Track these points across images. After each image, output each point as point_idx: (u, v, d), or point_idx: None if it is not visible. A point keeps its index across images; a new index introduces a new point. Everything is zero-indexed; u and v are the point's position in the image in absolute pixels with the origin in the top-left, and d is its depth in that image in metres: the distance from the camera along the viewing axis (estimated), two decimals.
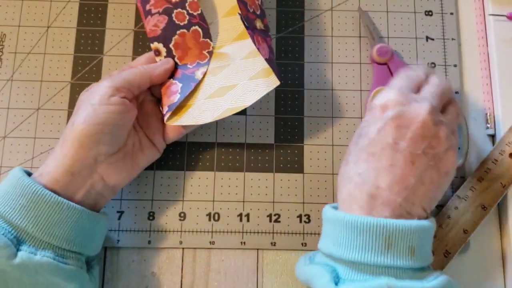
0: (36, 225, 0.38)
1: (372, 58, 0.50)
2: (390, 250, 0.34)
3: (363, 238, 0.35)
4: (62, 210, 0.38)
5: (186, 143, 0.49)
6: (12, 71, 0.51)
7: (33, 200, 0.38)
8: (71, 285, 0.38)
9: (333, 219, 0.37)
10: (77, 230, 0.39)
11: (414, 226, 0.35)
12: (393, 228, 0.34)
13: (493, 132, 0.49)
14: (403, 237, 0.34)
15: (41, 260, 0.37)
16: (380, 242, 0.34)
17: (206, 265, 0.46)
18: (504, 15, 0.51)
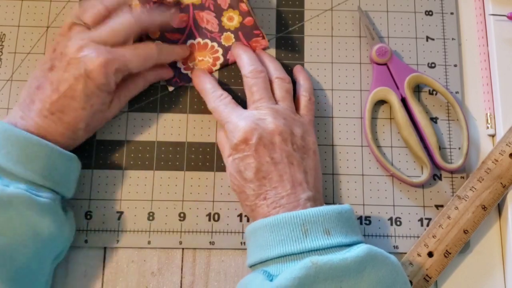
0: (9, 160, 0.39)
1: (372, 58, 0.50)
2: (308, 235, 0.38)
3: (283, 233, 0.38)
4: (33, 145, 0.40)
5: (186, 143, 0.49)
6: (11, 71, 0.50)
7: (4, 137, 0.39)
8: (44, 219, 0.39)
9: (254, 228, 0.40)
10: (50, 167, 0.40)
11: (323, 211, 0.39)
12: (305, 215, 0.39)
13: (493, 132, 0.49)
14: (316, 221, 0.39)
15: (13, 192, 0.38)
16: (297, 231, 0.38)
17: (206, 265, 0.46)
18: (504, 15, 0.51)
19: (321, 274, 0.36)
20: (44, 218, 0.39)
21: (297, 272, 0.36)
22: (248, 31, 0.50)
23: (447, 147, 0.49)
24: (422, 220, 0.47)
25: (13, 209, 0.38)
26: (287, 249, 0.38)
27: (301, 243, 0.38)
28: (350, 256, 0.37)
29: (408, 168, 0.49)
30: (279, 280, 0.36)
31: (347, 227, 0.40)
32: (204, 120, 0.50)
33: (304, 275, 0.36)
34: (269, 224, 0.39)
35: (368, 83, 0.51)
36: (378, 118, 0.50)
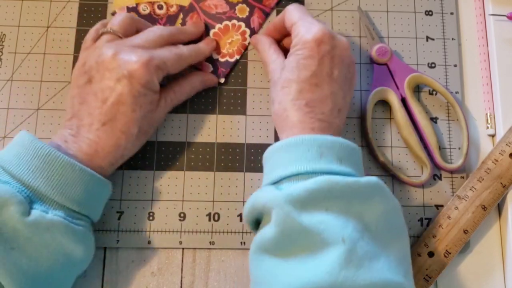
0: (48, 185, 0.38)
1: (372, 58, 0.50)
2: (323, 157, 0.39)
3: (299, 152, 0.39)
4: (74, 172, 0.39)
5: (186, 143, 0.49)
6: (12, 71, 0.50)
7: (46, 161, 0.39)
8: (79, 247, 0.39)
9: (273, 149, 0.41)
10: (87, 194, 0.40)
11: (340, 141, 0.40)
12: (322, 140, 0.39)
13: (493, 132, 0.49)
14: (332, 148, 0.39)
15: (52, 219, 0.38)
16: (313, 152, 0.39)
17: (206, 265, 0.46)
18: (504, 15, 0.51)
19: (334, 191, 0.36)
20: (78, 245, 0.39)
21: (310, 184, 0.36)
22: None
23: (447, 147, 0.49)
24: (422, 220, 0.47)
25: (50, 236, 0.38)
26: (301, 168, 0.38)
27: (316, 163, 0.38)
28: (363, 180, 0.37)
29: (408, 168, 0.49)
30: (290, 190, 0.37)
31: (356, 164, 0.40)
32: (204, 120, 0.50)
33: (317, 188, 0.36)
34: (286, 144, 0.40)
35: (368, 83, 0.51)
36: (378, 118, 0.50)
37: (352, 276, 0.34)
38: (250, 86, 0.50)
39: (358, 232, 0.36)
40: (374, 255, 0.36)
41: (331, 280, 0.34)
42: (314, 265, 0.35)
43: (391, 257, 0.36)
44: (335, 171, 0.38)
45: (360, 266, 0.34)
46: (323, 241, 0.35)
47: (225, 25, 0.51)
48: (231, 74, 0.51)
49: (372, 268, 0.35)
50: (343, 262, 0.34)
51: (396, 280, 0.35)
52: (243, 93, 0.50)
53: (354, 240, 0.35)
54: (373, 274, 0.34)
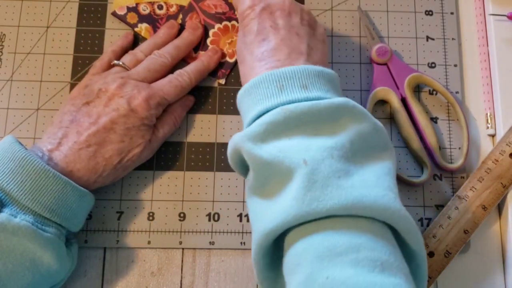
0: (20, 189, 0.38)
1: (372, 58, 0.50)
2: (283, 90, 0.37)
3: (259, 92, 0.38)
4: (47, 178, 0.39)
5: (186, 143, 0.49)
6: (11, 71, 0.50)
7: (21, 164, 0.38)
8: (46, 253, 0.38)
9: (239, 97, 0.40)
10: (60, 201, 0.39)
11: (300, 68, 0.38)
12: (280, 72, 0.38)
13: (493, 132, 0.49)
14: (292, 77, 0.38)
15: (19, 223, 0.37)
16: (273, 88, 0.38)
17: (206, 265, 0.46)
18: (504, 15, 0.51)
19: (292, 119, 0.36)
20: (46, 252, 0.39)
21: (266, 118, 0.36)
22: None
23: (447, 147, 0.49)
24: (422, 220, 0.47)
25: (17, 239, 0.37)
26: (262, 107, 0.37)
27: (276, 98, 0.37)
28: (323, 102, 0.36)
29: (408, 168, 0.49)
30: (250, 127, 0.36)
31: (328, 86, 0.39)
32: (204, 120, 0.50)
33: (273, 120, 0.36)
34: (247, 88, 0.39)
35: (368, 83, 0.51)
36: (378, 118, 0.50)
37: (319, 197, 0.33)
38: None
39: (325, 151, 0.34)
40: (346, 172, 0.34)
41: (298, 206, 0.33)
42: (283, 196, 0.34)
43: (368, 174, 0.35)
44: (299, 99, 0.37)
45: (327, 185, 0.33)
46: (287, 169, 0.34)
47: (224, 25, 0.51)
48: (231, 74, 0.51)
49: (342, 185, 0.33)
50: (307, 184, 0.33)
51: (372, 194, 0.33)
52: None
53: (317, 160, 0.34)
54: (343, 191, 0.33)
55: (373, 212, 0.33)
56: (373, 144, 0.37)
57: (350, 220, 0.33)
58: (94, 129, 0.42)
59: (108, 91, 0.43)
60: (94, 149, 0.42)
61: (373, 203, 0.33)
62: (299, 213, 0.32)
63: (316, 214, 0.32)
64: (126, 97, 0.43)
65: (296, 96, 0.37)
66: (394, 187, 0.35)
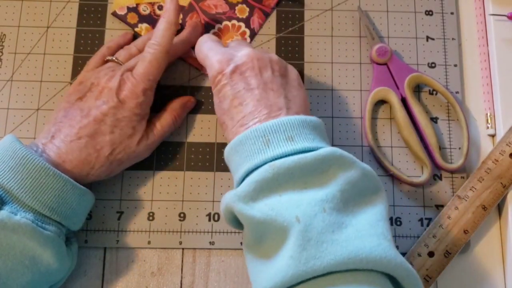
0: (21, 187, 0.38)
1: (372, 58, 0.50)
2: (270, 144, 0.37)
3: (246, 149, 0.38)
4: (47, 176, 0.39)
5: (186, 143, 0.49)
6: (12, 71, 0.51)
7: (21, 163, 0.39)
8: (46, 251, 0.39)
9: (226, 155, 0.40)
10: (60, 199, 0.40)
11: (284, 120, 0.38)
12: (265, 127, 0.38)
13: (493, 132, 0.49)
14: (277, 130, 0.37)
15: (19, 221, 0.38)
16: (259, 144, 0.37)
17: (206, 265, 0.46)
18: (504, 15, 0.51)
19: (280, 175, 0.35)
20: (46, 250, 0.39)
21: (254, 177, 0.36)
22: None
23: (447, 147, 0.49)
24: (422, 220, 0.47)
25: (17, 237, 0.38)
26: (250, 164, 0.37)
27: (263, 154, 0.37)
28: (310, 155, 0.36)
29: (408, 168, 0.49)
30: (240, 187, 0.36)
31: (314, 134, 0.38)
32: (204, 120, 0.50)
33: (261, 178, 0.35)
34: (234, 145, 0.39)
35: (368, 83, 0.51)
36: (378, 118, 0.50)
37: (315, 255, 0.32)
38: None
39: (316, 205, 0.34)
40: (339, 225, 0.34)
41: (295, 265, 0.32)
42: (280, 256, 0.34)
43: (361, 223, 0.34)
44: (285, 153, 0.36)
45: (321, 242, 0.33)
46: (281, 227, 0.34)
47: (225, 25, 0.51)
48: None
49: (337, 240, 0.33)
50: (302, 242, 0.33)
51: (368, 245, 0.33)
52: None
53: (309, 216, 0.34)
54: (338, 246, 0.33)
55: (370, 264, 0.33)
56: (364, 190, 0.37)
57: (348, 275, 0.33)
58: (85, 122, 0.42)
59: (99, 85, 0.44)
60: (85, 140, 0.42)
61: (369, 254, 0.33)
62: (297, 272, 0.32)
63: (314, 272, 0.32)
64: (114, 89, 0.43)
65: (282, 150, 0.37)
66: (388, 233, 0.35)
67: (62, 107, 0.44)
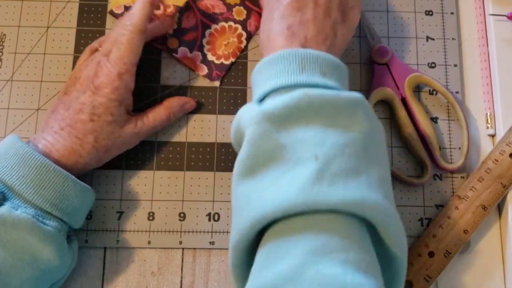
0: (22, 183, 0.39)
1: (372, 58, 0.50)
2: (304, 71, 0.37)
3: (280, 66, 0.38)
4: (48, 172, 0.40)
5: (186, 143, 0.49)
6: (12, 71, 0.51)
7: (23, 160, 0.40)
8: (46, 247, 0.39)
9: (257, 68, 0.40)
10: (61, 195, 0.40)
11: (323, 55, 0.38)
12: (305, 54, 0.38)
13: (493, 132, 0.49)
14: (315, 62, 0.38)
15: (20, 216, 0.38)
16: (295, 66, 0.37)
17: (206, 265, 0.46)
18: (504, 15, 0.51)
19: (312, 107, 0.35)
20: (46, 246, 0.39)
21: (288, 100, 0.35)
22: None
23: (447, 147, 0.49)
24: (422, 220, 0.47)
25: (17, 233, 0.38)
26: (281, 81, 0.37)
27: (297, 76, 0.37)
28: (344, 95, 0.36)
29: (408, 168, 0.49)
30: (268, 106, 0.36)
31: (342, 79, 0.39)
32: (204, 120, 0.50)
33: (294, 104, 0.35)
34: (269, 60, 0.39)
35: (368, 83, 0.51)
36: (378, 118, 0.50)
37: (325, 192, 0.33)
38: (250, 86, 0.50)
39: (338, 148, 0.35)
40: (353, 172, 0.34)
41: (304, 195, 0.33)
42: (285, 183, 0.34)
43: (373, 176, 0.35)
44: (317, 84, 0.37)
45: (333, 183, 0.33)
46: (296, 159, 0.34)
47: (221, 26, 0.51)
48: (231, 75, 0.51)
49: (348, 185, 0.34)
50: (315, 180, 0.33)
51: (374, 197, 0.34)
52: (243, 93, 0.50)
53: (329, 157, 0.34)
54: (348, 191, 0.33)
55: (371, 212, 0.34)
56: (379, 144, 0.38)
57: (344, 221, 0.33)
58: (66, 114, 0.43)
59: (80, 77, 0.44)
60: (67, 131, 0.42)
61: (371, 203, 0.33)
62: (304, 202, 0.33)
63: (320, 205, 0.33)
64: (91, 77, 0.43)
65: (315, 80, 0.37)
66: (391, 193, 0.37)
67: (53, 104, 0.45)
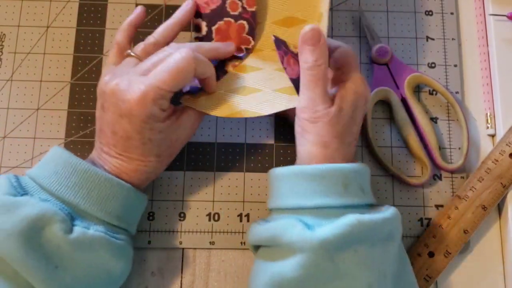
0: (88, 201, 0.39)
1: (372, 59, 0.50)
2: (347, 191, 0.38)
3: (324, 184, 0.38)
4: (112, 186, 0.39)
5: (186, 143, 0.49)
6: (11, 71, 0.50)
7: (84, 177, 0.39)
8: (120, 260, 0.39)
9: (290, 173, 0.40)
10: (125, 207, 0.40)
11: (361, 168, 0.40)
12: (347, 170, 0.39)
13: (493, 132, 0.49)
14: (355, 178, 0.39)
15: (94, 234, 0.38)
16: (339, 185, 0.38)
17: (206, 265, 0.46)
18: (504, 15, 0.51)
19: (363, 233, 0.36)
20: (120, 260, 0.39)
21: (343, 228, 0.36)
22: None
23: (447, 147, 0.49)
24: (422, 220, 0.47)
25: (93, 252, 0.38)
26: (327, 201, 0.38)
27: (341, 197, 0.38)
28: (388, 217, 0.38)
29: (408, 168, 0.49)
30: (324, 233, 0.36)
31: (369, 187, 0.41)
32: (204, 120, 0.49)
33: (348, 233, 0.36)
34: (309, 173, 0.39)
35: (368, 83, 0.50)
36: (378, 118, 0.50)
37: None
38: None
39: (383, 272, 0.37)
40: None
41: None
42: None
43: None
44: (359, 204, 0.38)
45: None
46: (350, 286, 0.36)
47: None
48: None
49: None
50: None
51: None
52: None
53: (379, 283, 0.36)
54: None
55: None
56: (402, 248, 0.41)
57: None
58: (114, 140, 0.40)
59: (107, 94, 0.40)
60: (125, 156, 0.41)
61: None
62: None
63: None
64: (121, 103, 0.39)
65: (357, 200, 0.38)
66: None
67: (98, 115, 0.42)
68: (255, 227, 0.40)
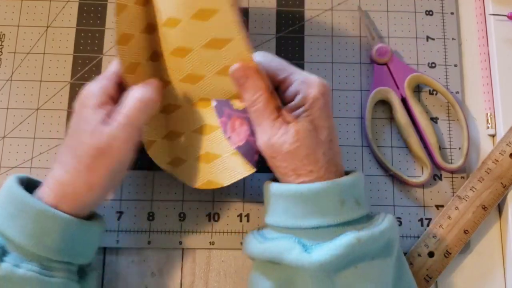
0: (22, 234, 0.36)
1: (372, 58, 0.50)
2: (343, 207, 0.37)
3: (320, 204, 0.37)
4: (47, 219, 0.36)
5: None
6: (11, 71, 0.50)
7: (20, 208, 0.36)
8: None
9: (286, 193, 0.38)
10: (66, 239, 0.37)
11: (355, 179, 0.38)
12: (343, 186, 0.37)
13: (494, 132, 0.49)
14: (351, 192, 0.38)
15: (25, 275, 0.35)
16: (336, 202, 0.37)
17: (206, 265, 0.46)
18: (504, 14, 0.51)
19: (362, 249, 0.36)
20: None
21: (341, 250, 0.35)
22: None
23: (447, 147, 0.49)
24: (422, 220, 0.47)
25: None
26: (324, 222, 0.36)
27: (338, 215, 0.37)
28: (378, 231, 0.37)
29: (408, 168, 0.49)
30: (322, 256, 0.35)
31: (364, 196, 0.39)
32: None
33: (348, 252, 0.35)
34: (305, 194, 0.37)
35: (368, 83, 0.51)
36: (378, 118, 0.50)
37: None
38: None
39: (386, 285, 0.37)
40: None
41: None
42: None
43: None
44: (355, 218, 0.37)
45: None
46: None
47: None
48: None
49: None
50: None
51: None
52: None
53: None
54: None
55: None
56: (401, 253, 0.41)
57: None
58: None
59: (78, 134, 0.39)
60: None
61: None
62: None
63: None
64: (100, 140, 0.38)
65: (353, 214, 0.37)
66: None
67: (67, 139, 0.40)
68: (252, 241, 0.39)
